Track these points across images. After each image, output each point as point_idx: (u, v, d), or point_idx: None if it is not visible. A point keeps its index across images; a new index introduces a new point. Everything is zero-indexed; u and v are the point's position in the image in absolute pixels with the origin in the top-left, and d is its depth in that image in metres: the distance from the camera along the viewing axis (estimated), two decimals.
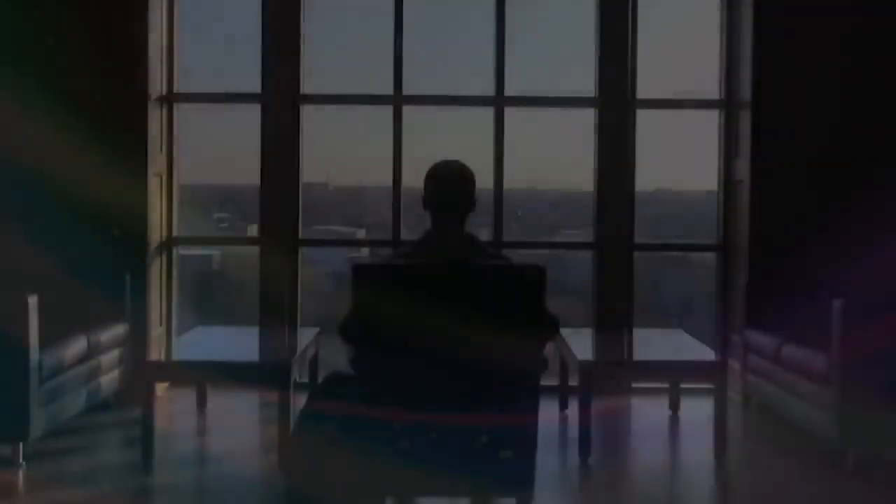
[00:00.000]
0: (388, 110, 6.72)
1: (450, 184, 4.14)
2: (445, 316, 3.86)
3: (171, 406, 6.18)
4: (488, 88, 6.68)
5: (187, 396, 6.15)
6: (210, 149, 7.15)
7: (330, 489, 4.21)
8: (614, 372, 5.74)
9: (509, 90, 6.68)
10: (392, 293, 3.90)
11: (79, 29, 6.13)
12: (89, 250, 6.05)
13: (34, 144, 6.10)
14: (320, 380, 4.93)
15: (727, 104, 6.65)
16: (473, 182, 4.18)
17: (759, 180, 6.29)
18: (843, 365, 4.86)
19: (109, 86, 6.16)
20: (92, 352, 5.45)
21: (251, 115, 6.69)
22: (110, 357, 5.74)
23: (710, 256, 6.89)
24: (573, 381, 5.42)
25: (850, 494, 4.74)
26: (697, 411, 5.98)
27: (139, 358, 5.78)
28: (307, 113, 6.73)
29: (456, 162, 4.20)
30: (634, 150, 6.68)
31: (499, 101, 6.68)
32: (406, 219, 6.67)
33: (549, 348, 4.92)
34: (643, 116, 6.70)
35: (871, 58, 6.26)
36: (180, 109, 6.67)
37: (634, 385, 6.66)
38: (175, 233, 6.65)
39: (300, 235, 6.71)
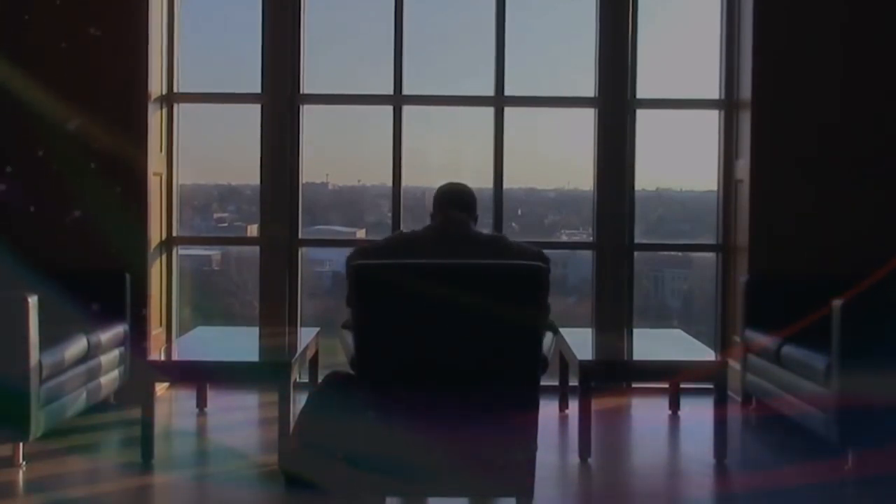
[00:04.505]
0: (388, 110, 6.72)
1: (456, 193, 4.62)
2: (445, 315, 3.86)
3: (171, 406, 6.18)
4: (488, 88, 6.68)
5: (187, 396, 6.16)
6: (210, 149, 7.15)
7: (330, 489, 4.22)
8: (614, 372, 5.74)
9: (509, 90, 6.68)
10: (391, 293, 3.90)
11: (79, 29, 6.13)
12: (90, 249, 6.05)
13: (34, 144, 6.10)
14: (320, 380, 4.94)
15: (727, 104, 6.65)
16: (475, 199, 4.66)
17: (759, 180, 6.29)
18: (842, 365, 4.85)
19: (109, 86, 6.16)
20: (92, 352, 5.45)
21: (251, 115, 6.69)
22: (110, 357, 5.74)
23: (710, 256, 6.89)
24: (573, 381, 5.41)
25: (850, 494, 4.74)
26: (697, 411, 5.98)
27: (139, 358, 5.78)
28: (307, 113, 6.73)
29: (459, 183, 4.73)
30: (634, 150, 6.68)
31: (499, 101, 6.68)
32: (406, 219, 6.67)
33: (549, 348, 4.93)
34: (643, 116, 6.70)
35: (871, 58, 6.26)
36: (180, 109, 6.67)
37: (634, 385, 6.66)
38: (175, 233, 6.66)
39: (300, 235, 6.72)
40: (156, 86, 6.36)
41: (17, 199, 6.07)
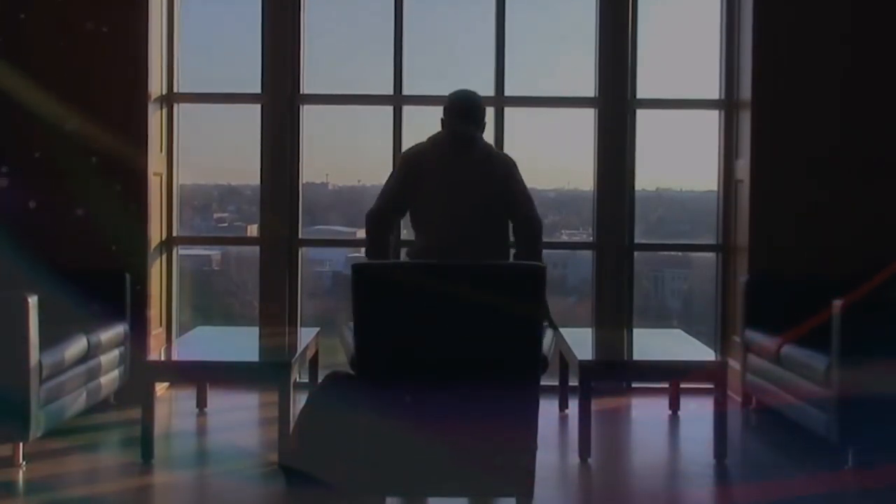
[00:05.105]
0: (388, 110, 6.72)
1: (465, 102, 4.94)
2: (445, 315, 3.86)
3: (171, 406, 6.18)
4: (488, 88, 6.68)
5: (187, 396, 6.16)
6: (210, 149, 7.15)
7: (330, 489, 4.22)
8: (614, 372, 5.74)
9: (509, 90, 6.68)
10: (391, 293, 3.90)
11: (79, 28, 6.13)
12: (90, 249, 6.05)
13: (33, 145, 6.10)
14: (320, 380, 4.94)
15: (727, 104, 6.65)
16: (484, 109, 5.06)
17: (759, 180, 6.29)
18: (842, 365, 4.85)
19: (109, 86, 6.16)
20: (92, 352, 5.45)
21: (251, 115, 6.69)
22: (110, 357, 5.74)
23: (710, 256, 6.89)
24: (573, 381, 5.41)
25: (850, 494, 4.74)
26: (697, 411, 5.98)
27: (139, 358, 5.78)
28: (307, 113, 6.73)
29: (469, 91, 5.09)
30: (634, 150, 6.68)
31: (499, 101, 6.68)
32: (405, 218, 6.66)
33: (550, 348, 4.94)
34: (643, 116, 6.70)
35: (871, 57, 6.26)
36: (180, 109, 6.67)
37: (634, 385, 6.66)
38: (175, 233, 6.66)
39: (300, 235, 6.72)
40: (156, 86, 6.36)
41: (17, 199, 6.07)
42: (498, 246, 4.97)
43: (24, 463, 4.83)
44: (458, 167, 4.82)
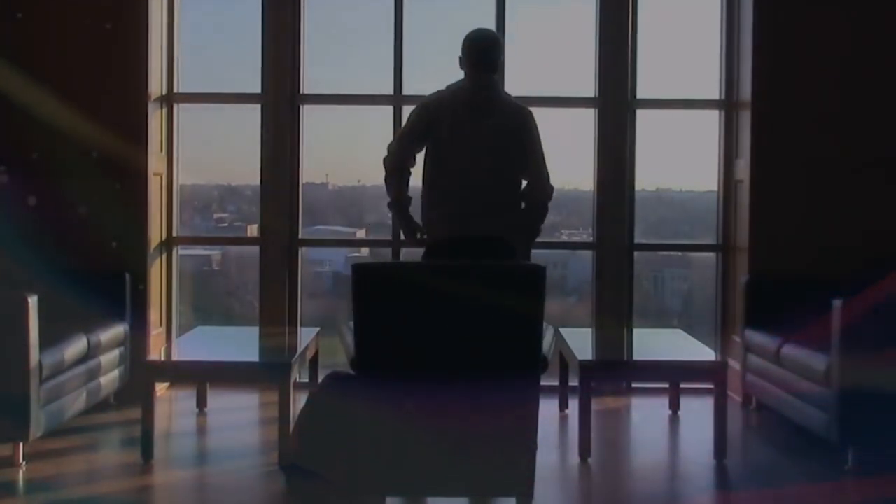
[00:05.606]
0: (388, 110, 6.72)
1: (486, 44, 4.91)
2: (445, 315, 3.86)
3: (171, 406, 6.18)
4: None
5: (187, 396, 6.16)
6: (210, 149, 7.15)
7: (330, 489, 4.22)
8: (614, 372, 5.74)
9: (509, 90, 6.66)
10: (391, 293, 3.90)
11: (79, 29, 6.13)
12: (90, 249, 6.05)
13: (34, 144, 6.10)
14: (320, 380, 4.94)
15: (727, 104, 6.65)
16: (501, 45, 5.07)
17: (759, 180, 6.29)
18: (843, 365, 4.85)
19: (109, 86, 6.16)
20: (92, 352, 5.45)
21: (251, 115, 6.69)
22: (110, 357, 5.74)
23: (710, 256, 6.89)
24: (573, 381, 5.41)
25: (850, 494, 4.74)
26: (697, 411, 5.98)
27: (139, 358, 5.78)
28: (307, 113, 6.73)
29: (488, 28, 5.11)
30: (634, 150, 6.68)
31: None
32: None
33: (549, 348, 4.94)
34: (643, 116, 6.70)
35: (872, 57, 6.26)
36: (180, 109, 6.67)
37: (634, 385, 6.66)
38: (175, 233, 6.66)
39: (300, 235, 6.72)
40: (156, 86, 6.36)
41: (17, 199, 6.07)
42: (511, 212, 4.92)
43: (24, 463, 4.83)
44: (473, 129, 4.79)
